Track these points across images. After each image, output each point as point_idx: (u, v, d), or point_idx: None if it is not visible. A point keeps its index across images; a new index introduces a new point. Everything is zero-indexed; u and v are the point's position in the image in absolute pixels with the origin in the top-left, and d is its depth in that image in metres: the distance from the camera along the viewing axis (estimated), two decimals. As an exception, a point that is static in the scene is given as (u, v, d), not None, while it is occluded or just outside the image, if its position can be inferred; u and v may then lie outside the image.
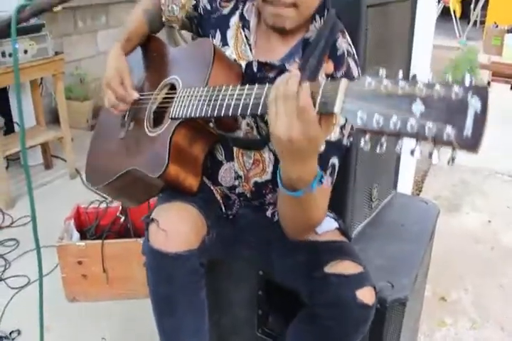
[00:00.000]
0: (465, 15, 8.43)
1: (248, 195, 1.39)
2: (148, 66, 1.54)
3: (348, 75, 1.23)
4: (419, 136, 0.73)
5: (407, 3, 1.81)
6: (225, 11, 1.34)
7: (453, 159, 0.73)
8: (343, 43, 1.27)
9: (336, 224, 1.38)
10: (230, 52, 1.31)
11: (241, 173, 1.35)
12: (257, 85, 1.02)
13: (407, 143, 0.76)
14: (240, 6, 1.33)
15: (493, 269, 2.47)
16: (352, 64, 1.25)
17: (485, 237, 2.74)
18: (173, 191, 1.33)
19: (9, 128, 3.45)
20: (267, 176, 1.34)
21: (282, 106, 0.91)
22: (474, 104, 0.70)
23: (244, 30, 1.30)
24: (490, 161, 3.69)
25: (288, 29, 1.22)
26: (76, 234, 2.25)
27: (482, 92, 0.70)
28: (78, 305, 2.19)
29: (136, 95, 1.38)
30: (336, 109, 0.83)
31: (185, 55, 1.42)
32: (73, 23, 4.33)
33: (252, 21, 1.30)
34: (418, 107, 0.73)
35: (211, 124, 1.27)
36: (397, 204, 1.99)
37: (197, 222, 1.27)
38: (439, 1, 7.56)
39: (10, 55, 2.72)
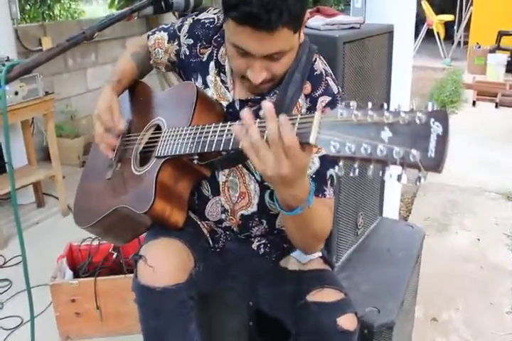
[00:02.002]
0: (449, 37, 8.62)
1: (235, 229, 1.42)
2: (135, 109, 1.59)
3: (328, 93, 1.29)
4: (388, 159, 0.78)
5: (384, 36, 1.89)
6: (204, 58, 1.39)
7: (419, 179, 0.78)
8: (320, 64, 1.33)
9: (319, 253, 1.41)
10: (210, 93, 1.37)
11: (227, 207, 1.39)
12: (237, 122, 1.06)
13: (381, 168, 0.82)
14: (215, 52, 1.36)
15: (483, 288, 2.49)
16: (330, 82, 1.31)
17: (474, 256, 2.76)
18: (160, 227, 1.37)
19: (1, 168, 3.49)
20: (253, 208, 1.37)
21: (266, 151, 0.94)
22: (436, 128, 0.76)
23: (220, 76, 1.35)
24: (478, 179, 3.75)
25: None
26: (69, 272, 2.26)
27: (442, 116, 0.76)
28: (72, 343, 2.19)
29: (122, 126, 1.41)
30: (312, 140, 0.88)
31: (170, 98, 1.47)
32: (63, 62, 4.43)
33: (227, 66, 1.33)
34: (386, 134, 0.79)
35: (195, 161, 1.31)
36: (382, 230, 2.03)
37: (183, 256, 1.30)
38: (423, 24, 7.77)
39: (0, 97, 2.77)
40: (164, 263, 1.24)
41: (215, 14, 1.41)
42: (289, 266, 1.39)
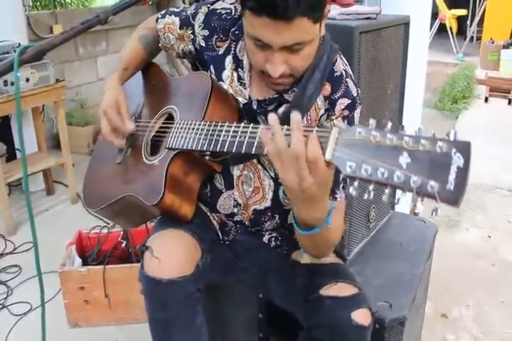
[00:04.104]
0: (462, 32, 8.51)
1: (246, 223, 1.40)
2: (147, 93, 1.56)
3: (347, 95, 1.25)
4: (404, 187, 0.76)
5: (400, 27, 1.86)
6: (221, 51, 1.34)
7: (436, 210, 0.76)
8: (341, 65, 1.29)
9: None
10: (225, 87, 1.33)
11: (240, 201, 1.37)
12: (251, 124, 1.05)
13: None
14: (233, 47, 1.32)
15: (494, 285, 2.47)
16: (350, 84, 1.27)
17: (485, 253, 2.74)
18: (168, 218, 1.36)
19: (11, 155, 3.50)
20: (267, 203, 1.35)
21: (289, 161, 0.92)
22: (457, 159, 0.73)
23: (238, 71, 1.31)
24: (489, 176, 3.71)
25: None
26: (78, 260, 2.26)
27: (464, 148, 0.74)
28: (80, 330, 2.20)
29: (132, 127, 1.36)
30: (327, 156, 0.86)
31: (184, 86, 1.42)
32: (74, 50, 4.42)
33: (245, 60, 1.29)
34: (405, 160, 0.77)
35: (207, 157, 1.29)
36: (394, 224, 2.01)
37: (190, 247, 1.29)
38: (435, 19, 7.68)
39: (12, 83, 2.78)
40: (171, 254, 1.23)
41: (231, 4, 1.36)
42: (300, 259, 1.38)
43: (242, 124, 1.08)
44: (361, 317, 1.20)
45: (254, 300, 1.56)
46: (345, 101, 1.25)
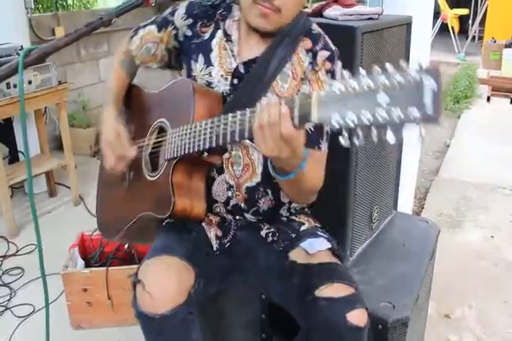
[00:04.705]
0: (463, 31, 8.50)
1: (242, 206, 1.43)
2: (134, 115, 1.61)
3: (327, 48, 1.37)
4: (389, 122, 0.82)
5: (402, 27, 1.86)
6: (206, 37, 1.42)
7: (421, 134, 0.82)
8: (317, 28, 1.42)
9: (328, 245, 1.40)
10: (216, 71, 1.39)
11: (232, 182, 1.41)
12: (239, 112, 1.10)
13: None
14: (221, 24, 1.41)
15: (496, 285, 2.46)
16: (328, 40, 1.39)
17: (488, 253, 2.73)
18: (161, 241, 1.40)
19: (14, 157, 3.50)
20: (257, 178, 1.40)
21: (268, 133, 1.02)
22: (429, 83, 0.80)
23: (228, 44, 1.40)
24: (492, 176, 3.71)
25: (269, 31, 1.32)
26: (81, 262, 2.27)
27: (434, 72, 0.81)
28: (83, 332, 2.20)
29: (134, 153, 1.43)
30: (313, 119, 0.94)
31: (167, 97, 1.48)
32: (76, 52, 4.43)
33: (235, 35, 1.39)
34: (383, 98, 0.83)
35: (205, 154, 1.32)
36: (397, 225, 2.01)
37: (183, 274, 1.29)
38: (437, 18, 7.66)
39: (15, 86, 2.78)
40: (162, 287, 1.24)
41: None
42: (298, 259, 1.38)
43: (230, 115, 1.13)
44: (356, 317, 1.20)
45: (256, 300, 1.57)
46: (326, 53, 1.36)
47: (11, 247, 2.82)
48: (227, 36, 1.39)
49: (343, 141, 0.89)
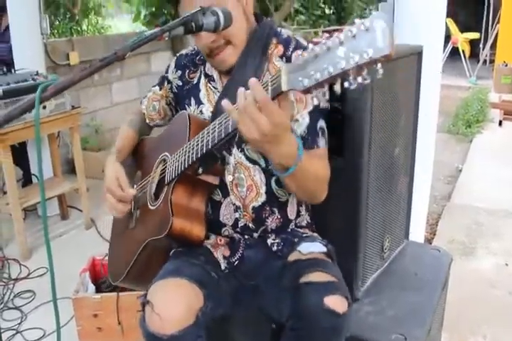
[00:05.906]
0: (474, 55, 8.54)
1: (251, 225, 1.45)
2: (143, 160, 1.68)
3: (300, 47, 1.40)
4: (351, 68, 0.88)
5: (413, 57, 1.87)
6: (195, 81, 1.53)
7: (377, 72, 0.89)
8: (286, 31, 1.47)
9: (323, 249, 1.42)
10: (206, 107, 1.48)
11: (239, 203, 1.44)
12: (223, 115, 1.19)
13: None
14: (202, 68, 1.52)
15: (511, 315, 2.42)
16: (300, 39, 1.44)
17: (501, 281, 2.68)
18: (170, 265, 1.41)
19: (27, 180, 3.54)
20: (262, 198, 1.44)
21: (245, 114, 1.07)
22: (378, 25, 0.85)
23: (211, 83, 1.49)
24: (505, 201, 3.68)
25: (234, 59, 1.40)
26: (91, 286, 2.27)
27: (381, 15, 0.86)
28: (93, 358, 2.19)
29: (133, 192, 1.48)
30: (284, 87, 1.01)
31: (167, 134, 1.58)
32: (90, 77, 4.49)
33: (215, 73, 1.48)
34: (342, 51, 0.89)
35: (200, 170, 1.37)
36: (409, 254, 1.99)
37: (191, 297, 1.29)
38: (448, 42, 7.71)
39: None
40: (171, 309, 1.24)
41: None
42: (291, 259, 1.40)
43: (212, 122, 1.23)
44: (334, 302, 1.20)
45: (265, 325, 1.54)
46: (300, 52, 1.37)
47: (23, 270, 2.83)
48: (209, 77, 1.50)
49: (316, 101, 0.99)
